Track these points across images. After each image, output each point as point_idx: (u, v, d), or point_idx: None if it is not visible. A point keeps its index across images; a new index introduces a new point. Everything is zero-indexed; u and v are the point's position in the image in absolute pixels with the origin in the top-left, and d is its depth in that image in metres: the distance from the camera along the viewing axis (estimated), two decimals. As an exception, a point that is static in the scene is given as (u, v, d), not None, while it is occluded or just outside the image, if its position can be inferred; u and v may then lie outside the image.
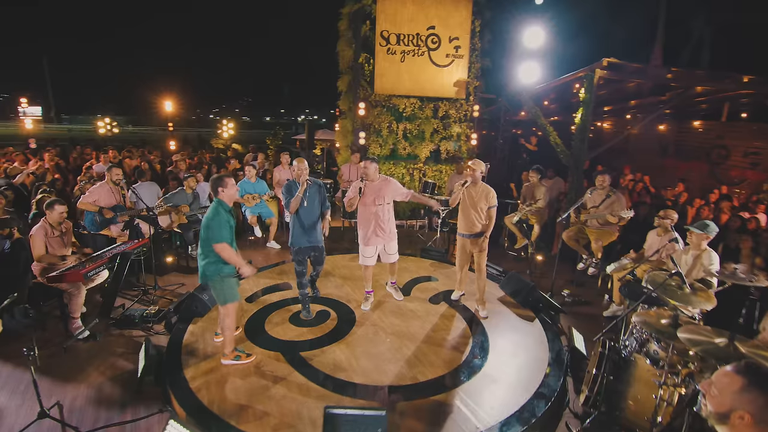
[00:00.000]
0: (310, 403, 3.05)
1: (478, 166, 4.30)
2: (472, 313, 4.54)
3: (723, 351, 2.03)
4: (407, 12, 8.12)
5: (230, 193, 3.46)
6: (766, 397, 1.13)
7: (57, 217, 4.06)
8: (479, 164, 4.32)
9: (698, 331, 2.25)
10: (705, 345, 2.09)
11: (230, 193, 3.46)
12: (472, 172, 4.30)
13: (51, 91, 46.45)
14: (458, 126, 8.88)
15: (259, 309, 4.55)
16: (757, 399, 1.14)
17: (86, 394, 3.31)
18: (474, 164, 4.31)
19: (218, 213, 3.39)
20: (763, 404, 1.13)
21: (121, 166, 8.72)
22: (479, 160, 4.38)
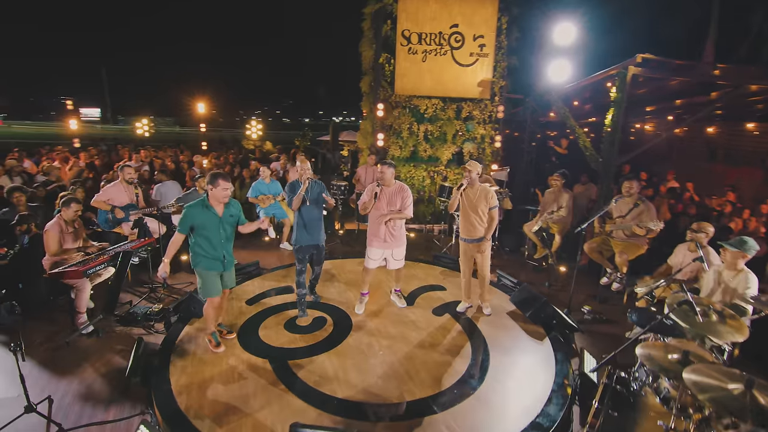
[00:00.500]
0: (286, 418, 2.92)
1: (474, 167, 4.09)
2: (476, 328, 4.25)
3: (737, 401, 1.68)
4: (429, 10, 7.88)
5: (217, 194, 3.43)
6: None
7: (72, 215, 4.20)
8: (475, 165, 4.10)
9: (710, 372, 1.89)
10: (715, 392, 1.74)
11: (217, 194, 3.43)
12: (468, 174, 4.07)
13: (108, 95, 50.14)
14: (482, 127, 8.52)
15: (257, 312, 4.49)
16: None
17: (77, 390, 3.36)
18: (470, 165, 4.10)
19: (192, 206, 3.46)
20: None
21: (152, 166, 9.16)
22: (475, 161, 4.18)
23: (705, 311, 2.76)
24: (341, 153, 14.84)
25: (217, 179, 3.40)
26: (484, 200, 4.11)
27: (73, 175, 7.70)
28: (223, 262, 3.63)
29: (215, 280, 3.62)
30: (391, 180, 4.22)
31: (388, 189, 4.21)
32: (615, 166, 6.08)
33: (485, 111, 8.45)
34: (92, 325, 4.16)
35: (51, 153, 9.76)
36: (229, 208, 3.62)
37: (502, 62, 8.20)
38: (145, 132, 12.09)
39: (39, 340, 4.00)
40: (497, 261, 6.50)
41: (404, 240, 4.43)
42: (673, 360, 2.17)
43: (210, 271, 3.59)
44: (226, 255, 3.64)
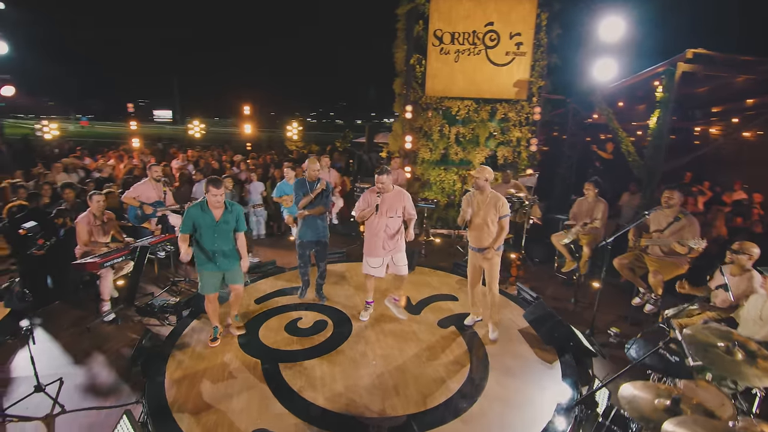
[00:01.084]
0: (263, 422, 2.90)
1: (482, 173, 3.80)
2: (480, 344, 3.99)
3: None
4: (463, 9, 7.62)
5: (209, 199, 3.55)
6: None
7: (96, 206, 4.53)
8: (484, 171, 3.81)
9: (696, 428, 1.57)
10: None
11: (209, 199, 3.55)
12: (474, 180, 3.82)
13: (178, 99, 54.38)
14: (518, 130, 8.09)
15: (262, 311, 4.56)
16: None
17: (86, 374, 3.59)
18: (479, 171, 3.82)
19: (192, 207, 3.60)
20: None
21: (198, 164, 9.71)
22: (485, 167, 3.88)
23: (729, 348, 2.36)
24: (380, 155, 14.84)
25: (208, 185, 3.49)
26: (493, 208, 3.84)
27: (125, 172, 8.37)
28: (218, 264, 3.70)
29: (209, 277, 3.72)
30: (390, 186, 4.09)
31: (387, 195, 4.07)
32: (660, 173, 5.46)
33: (522, 113, 8.01)
34: (113, 313, 4.45)
35: (111, 152, 10.68)
36: (227, 213, 3.68)
37: (541, 61, 7.73)
38: (195, 133, 12.95)
39: (66, 324, 4.37)
40: (524, 272, 6.12)
41: (403, 245, 4.26)
42: (659, 406, 1.84)
43: (204, 269, 3.69)
44: (219, 257, 3.70)
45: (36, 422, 3.01)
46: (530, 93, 7.89)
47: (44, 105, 61.52)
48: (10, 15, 9.26)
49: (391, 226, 4.10)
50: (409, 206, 4.14)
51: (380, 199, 4.04)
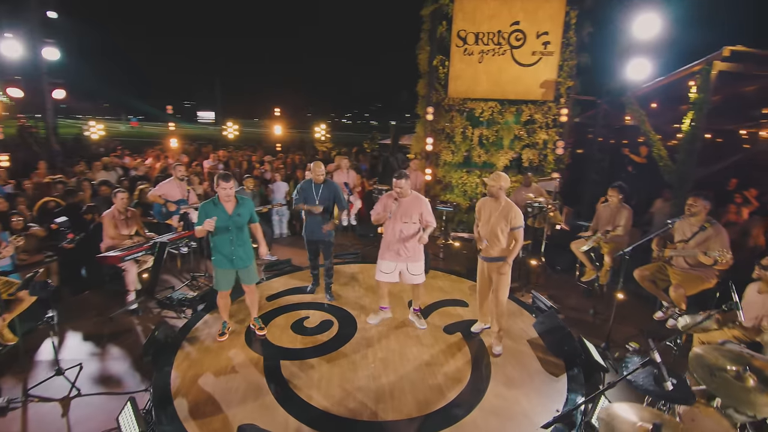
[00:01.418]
0: (255, 417, 2.97)
1: (498, 180, 3.66)
2: (485, 353, 3.89)
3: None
4: (488, 8, 7.46)
5: (219, 192, 3.64)
6: None
7: (120, 203, 4.81)
8: (499, 178, 3.67)
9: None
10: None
11: (219, 192, 3.64)
12: (489, 188, 3.69)
13: (219, 101, 56.84)
14: (544, 132, 7.82)
15: (272, 309, 4.66)
16: None
17: (104, 361, 3.82)
18: (494, 179, 3.68)
19: (205, 203, 3.74)
20: None
21: (228, 164, 10.10)
22: (501, 173, 3.73)
23: (740, 373, 2.17)
24: (407, 156, 14.80)
25: (218, 180, 3.61)
26: (504, 219, 3.70)
27: (159, 170, 8.83)
28: (232, 260, 3.82)
29: (223, 275, 3.84)
30: (408, 191, 4.01)
31: (404, 200, 4.00)
32: (692, 180, 5.10)
33: (548, 114, 7.74)
34: (136, 304, 4.71)
35: (150, 151, 11.30)
36: (239, 207, 3.80)
37: (570, 61, 7.43)
38: (229, 134, 13.49)
39: (92, 313, 4.66)
40: (543, 280, 5.92)
41: (421, 255, 4.16)
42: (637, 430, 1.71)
43: (219, 266, 3.82)
44: (236, 254, 3.81)
45: (54, 403, 3.23)
46: (558, 94, 7.61)
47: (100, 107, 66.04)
48: (63, 24, 10.05)
49: (406, 231, 4.01)
50: (427, 213, 4.02)
51: (397, 204, 3.99)
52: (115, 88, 55.83)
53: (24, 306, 3.54)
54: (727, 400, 2.11)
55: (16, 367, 3.54)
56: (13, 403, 3.16)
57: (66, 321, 4.42)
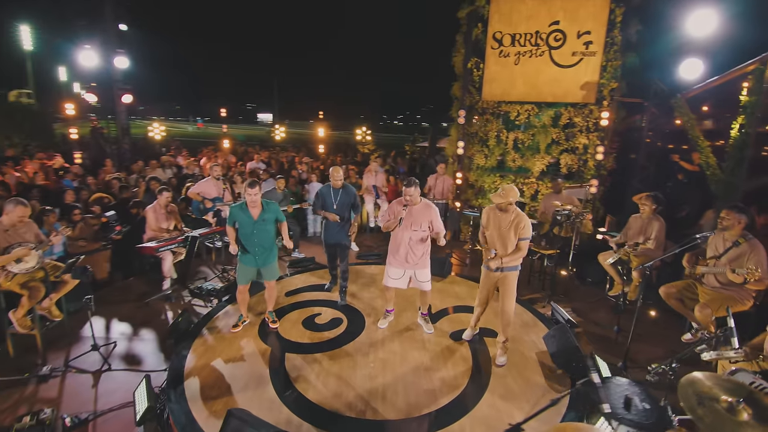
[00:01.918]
0: (252, 404, 3.16)
1: (507, 196, 3.55)
2: (488, 361, 3.82)
3: None
4: (525, 9, 7.24)
5: (246, 198, 3.86)
6: None
7: (163, 200, 5.29)
8: (509, 194, 3.55)
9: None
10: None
11: (246, 198, 3.86)
12: (498, 204, 3.62)
13: (277, 103, 59.77)
14: (584, 136, 7.44)
15: (288, 304, 4.89)
16: None
17: (135, 341, 4.24)
18: (503, 195, 3.57)
19: (235, 206, 4.01)
20: None
21: (269, 165, 10.64)
22: (512, 187, 3.62)
23: (732, 405, 1.99)
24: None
25: (245, 186, 3.85)
26: (514, 230, 3.62)
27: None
28: (256, 258, 4.07)
29: (245, 270, 4.09)
30: (418, 198, 4.01)
31: (413, 207, 3.99)
32: (741, 191, 4.63)
33: (589, 117, 7.36)
34: (170, 291, 5.16)
35: (205, 150, 12.19)
36: (264, 213, 4.00)
37: (614, 61, 7.01)
38: (276, 135, 14.21)
39: (132, 297, 5.18)
40: (568, 292, 5.65)
41: (428, 261, 4.17)
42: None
43: (242, 262, 4.08)
44: (259, 253, 4.05)
45: (88, 375, 3.65)
46: (600, 96, 7.22)
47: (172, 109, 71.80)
48: (132, 36, 11.18)
49: (414, 239, 4.03)
50: (436, 221, 4.02)
51: (406, 211, 3.98)
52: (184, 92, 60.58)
53: (68, 288, 4.03)
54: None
55: (60, 340, 4.04)
56: (55, 372, 3.62)
57: (110, 303, 4.97)
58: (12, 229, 3.68)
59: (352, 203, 4.73)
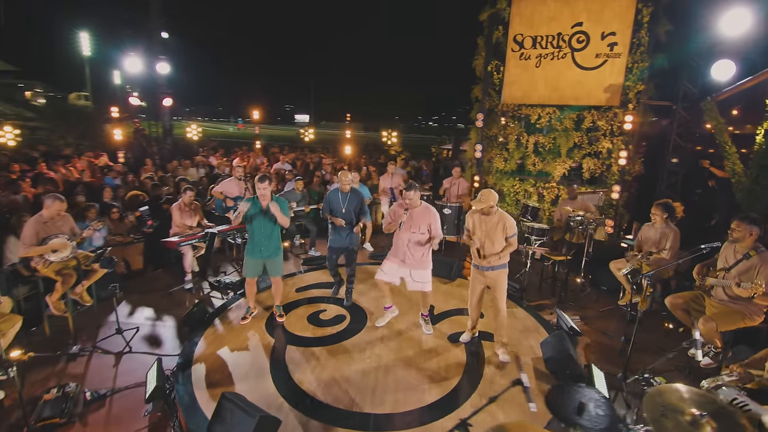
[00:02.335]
0: (251, 391, 3.39)
1: (488, 201, 3.65)
2: (480, 364, 3.87)
3: None
4: (547, 11, 7.14)
5: (258, 191, 4.12)
6: None
7: (187, 199, 5.68)
8: (489, 198, 3.66)
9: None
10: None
11: (258, 191, 4.12)
12: (483, 210, 3.69)
13: (313, 105, 61.35)
14: (608, 141, 7.23)
15: (297, 299, 5.12)
16: None
17: (155, 327, 4.61)
18: (482, 201, 3.68)
19: (248, 199, 4.25)
20: None
21: (295, 165, 11.03)
22: (490, 191, 3.70)
23: (695, 419, 1.98)
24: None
25: (257, 181, 4.11)
26: (501, 230, 3.69)
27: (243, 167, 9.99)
28: (261, 250, 4.33)
29: (252, 263, 4.36)
30: (418, 201, 4.12)
31: (413, 211, 4.11)
32: (765, 200, 4.39)
33: (614, 121, 7.14)
34: (191, 283, 5.54)
35: (239, 151, 12.79)
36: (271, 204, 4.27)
37: (641, 62, 6.77)
38: (305, 136, 14.67)
39: (158, 287, 5.60)
40: (585, 300, 5.54)
41: (427, 263, 4.24)
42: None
43: (249, 255, 4.36)
44: (264, 244, 4.30)
45: (111, 356, 4.03)
46: (626, 99, 6.98)
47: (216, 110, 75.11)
48: (173, 43, 11.95)
49: (413, 241, 4.13)
50: (435, 225, 4.10)
51: (406, 215, 4.11)
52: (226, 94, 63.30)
53: (97, 276, 4.46)
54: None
55: (89, 323, 4.47)
56: (83, 351, 4.02)
57: (138, 292, 5.40)
58: (50, 221, 4.12)
59: (360, 208, 4.78)
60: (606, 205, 7.17)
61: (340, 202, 4.78)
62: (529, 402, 3.28)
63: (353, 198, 4.79)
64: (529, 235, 5.80)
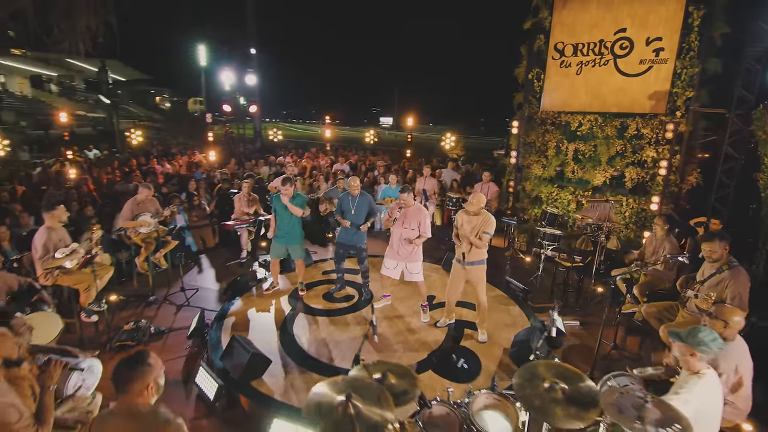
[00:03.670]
0: (258, 339, 4.32)
1: (477, 204, 4.14)
2: (451, 345, 4.36)
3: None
4: (589, 18, 7.10)
5: (281, 192, 5.08)
6: None
7: (245, 189, 6.93)
8: (479, 201, 4.14)
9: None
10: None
11: (281, 192, 5.08)
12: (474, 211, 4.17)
13: (397, 108, 63.12)
14: (653, 149, 6.95)
15: (321, 279, 6.02)
16: None
17: (209, 289, 5.86)
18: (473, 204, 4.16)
19: (275, 195, 5.23)
20: None
21: (355, 166, 12.08)
22: (479, 195, 4.15)
23: (552, 385, 2.38)
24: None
25: (279, 182, 5.08)
26: (483, 227, 4.15)
27: (309, 168, 11.34)
28: (285, 236, 5.29)
29: (276, 247, 5.31)
30: (411, 201, 4.72)
31: (407, 209, 4.73)
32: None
33: (659, 129, 6.85)
34: (244, 259, 6.79)
35: (309, 152, 14.31)
36: (293, 200, 5.20)
37: (691, 68, 6.42)
38: (370, 140, 15.75)
39: (221, 261, 6.93)
40: (592, 306, 5.59)
41: (418, 257, 4.82)
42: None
43: (274, 240, 5.34)
44: (286, 231, 5.26)
45: (174, 306, 5.32)
46: (674, 106, 6.66)
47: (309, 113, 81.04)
48: (260, 58, 13.87)
49: (405, 235, 4.74)
50: (424, 223, 4.68)
51: (401, 213, 4.76)
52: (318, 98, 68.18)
53: (171, 246, 5.84)
54: (528, 407, 2.36)
55: (163, 282, 5.86)
56: (157, 301, 5.38)
57: (204, 263, 6.80)
58: (142, 203, 5.57)
59: (369, 210, 5.28)
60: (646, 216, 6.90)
61: (350, 204, 5.29)
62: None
63: (362, 201, 5.27)
64: (541, 240, 5.98)
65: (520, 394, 2.39)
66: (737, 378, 2.63)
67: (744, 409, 2.70)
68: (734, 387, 2.67)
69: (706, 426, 2.28)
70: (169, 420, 1.82)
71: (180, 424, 1.83)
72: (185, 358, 4.27)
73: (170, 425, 1.80)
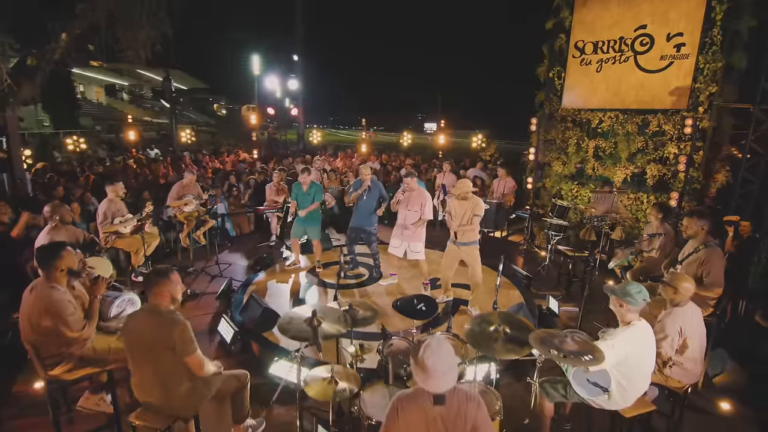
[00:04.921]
0: (272, 300, 4.94)
1: (463, 188, 4.51)
2: (445, 318, 4.69)
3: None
4: (609, 16, 7.18)
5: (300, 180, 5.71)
6: None
7: (276, 179, 7.68)
8: (464, 186, 4.52)
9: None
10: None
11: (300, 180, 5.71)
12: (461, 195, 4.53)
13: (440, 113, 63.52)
14: (674, 145, 6.87)
15: (336, 260, 6.56)
16: None
17: (240, 265, 6.63)
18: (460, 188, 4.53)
19: (295, 183, 5.90)
20: None
21: (384, 166, 12.64)
22: (465, 180, 4.51)
23: (497, 329, 2.74)
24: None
25: (300, 172, 5.73)
26: (473, 210, 4.51)
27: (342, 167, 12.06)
28: (303, 219, 5.89)
29: (296, 228, 5.93)
30: (415, 186, 5.18)
31: (410, 193, 5.20)
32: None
33: (681, 125, 6.77)
34: (273, 242, 7.52)
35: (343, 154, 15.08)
36: (310, 189, 5.83)
37: (714, 63, 6.34)
38: (404, 142, 16.26)
39: (253, 243, 7.72)
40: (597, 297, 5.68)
41: (420, 237, 5.25)
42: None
43: (295, 222, 5.97)
44: (306, 216, 5.87)
45: (209, 276, 6.10)
46: (696, 102, 6.58)
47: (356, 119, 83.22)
48: (301, 64, 14.87)
49: (408, 218, 5.23)
50: (426, 207, 5.13)
51: (405, 196, 5.26)
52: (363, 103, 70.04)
53: (209, 225, 6.68)
54: (474, 344, 2.73)
55: (201, 255, 6.69)
56: (195, 271, 6.19)
57: (241, 244, 7.63)
58: (187, 186, 6.45)
59: (380, 195, 5.72)
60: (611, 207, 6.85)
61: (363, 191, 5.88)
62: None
63: (374, 188, 5.75)
64: (547, 231, 6.16)
65: (469, 335, 2.76)
66: (682, 340, 2.83)
67: (692, 370, 2.88)
68: (681, 349, 2.86)
69: (634, 371, 2.53)
70: (178, 320, 2.41)
71: (186, 324, 2.41)
72: (213, 314, 4.98)
73: (178, 324, 2.38)
